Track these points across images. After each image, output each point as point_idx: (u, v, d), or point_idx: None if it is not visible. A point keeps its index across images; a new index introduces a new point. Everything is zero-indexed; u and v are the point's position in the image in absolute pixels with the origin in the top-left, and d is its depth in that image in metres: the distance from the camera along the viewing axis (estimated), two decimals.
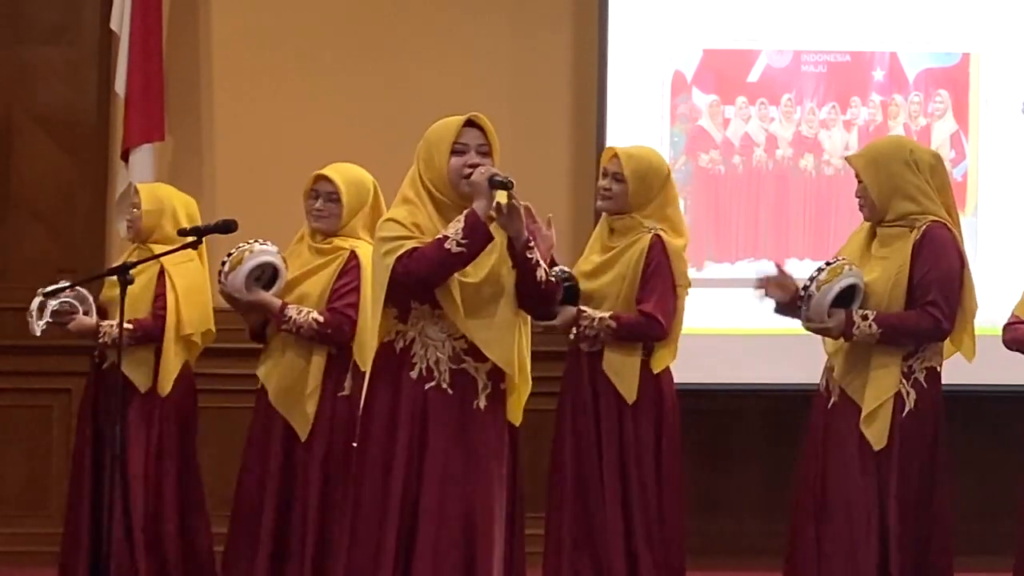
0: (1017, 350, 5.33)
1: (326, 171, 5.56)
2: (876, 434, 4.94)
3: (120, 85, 7.24)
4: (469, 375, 4.48)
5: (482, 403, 4.48)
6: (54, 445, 7.31)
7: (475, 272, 4.46)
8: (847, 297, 4.94)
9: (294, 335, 5.44)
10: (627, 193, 5.49)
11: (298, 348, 5.46)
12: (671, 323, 5.45)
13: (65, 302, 5.91)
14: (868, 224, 5.14)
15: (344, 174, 5.57)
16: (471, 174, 4.43)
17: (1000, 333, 5.38)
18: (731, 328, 6.78)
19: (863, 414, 4.95)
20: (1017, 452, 6.92)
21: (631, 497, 5.39)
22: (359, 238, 5.55)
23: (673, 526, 5.45)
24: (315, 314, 5.41)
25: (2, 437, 7.33)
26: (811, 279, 4.92)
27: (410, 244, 4.41)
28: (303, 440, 5.42)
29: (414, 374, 4.47)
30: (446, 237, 4.36)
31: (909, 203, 5.03)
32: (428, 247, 4.38)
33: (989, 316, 5.60)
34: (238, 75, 7.50)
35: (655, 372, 5.47)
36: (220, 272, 5.34)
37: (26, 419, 7.33)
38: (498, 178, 4.38)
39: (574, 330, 5.44)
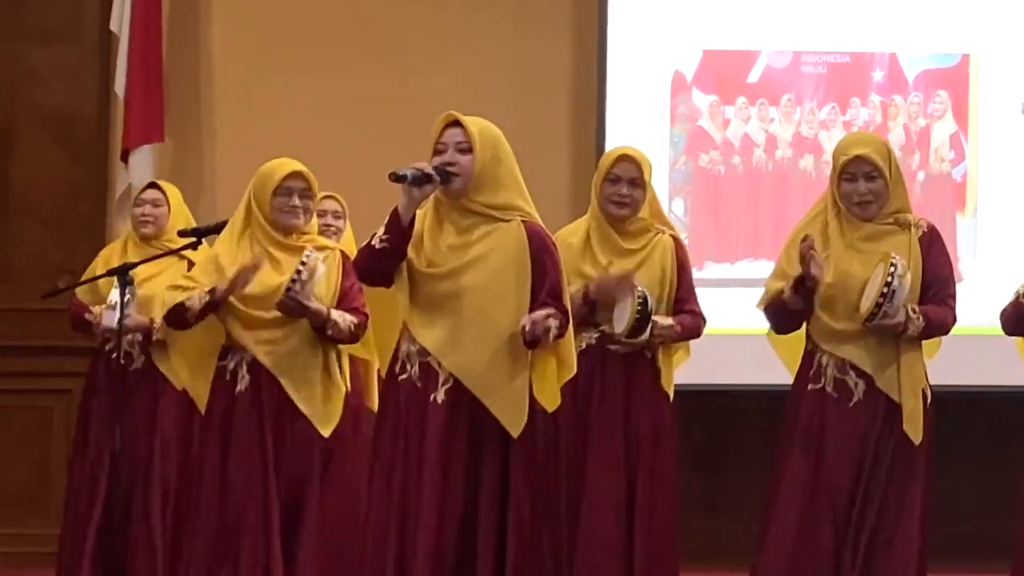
0: (1015, 327, 5.30)
1: (297, 167, 5.34)
2: (916, 430, 4.94)
3: (120, 86, 7.25)
4: (432, 368, 4.50)
5: (440, 396, 4.49)
6: (55, 445, 7.31)
7: (441, 264, 4.51)
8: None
9: (324, 337, 5.28)
10: (644, 198, 5.46)
11: (314, 348, 5.32)
12: None
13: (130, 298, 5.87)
14: (821, 219, 5.10)
15: (307, 170, 5.40)
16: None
17: (1001, 334, 5.37)
18: (731, 328, 6.77)
19: (907, 410, 4.94)
20: (1016, 452, 6.93)
21: (639, 497, 5.40)
22: (308, 233, 5.40)
23: (673, 522, 5.48)
24: (351, 317, 5.27)
25: (3, 437, 7.33)
26: (892, 275, 4.84)
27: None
28: (326, 435, 5.30)
29: (397, 367, 4.56)
30: (374, 234, 4.49)
31: (905, 199, 5.09)
32: (365, 245, 4.54)
33: (989, 316, 5.60)
34: (237, 76, 7.51)
35: (674, 369, 5.56)
36: (295, 280, 5.20)
37: (27, 419, 7.34)
38: (394, 172, 4.43)
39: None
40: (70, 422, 7.14)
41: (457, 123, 4.55)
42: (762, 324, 5.33)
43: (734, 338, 6.86)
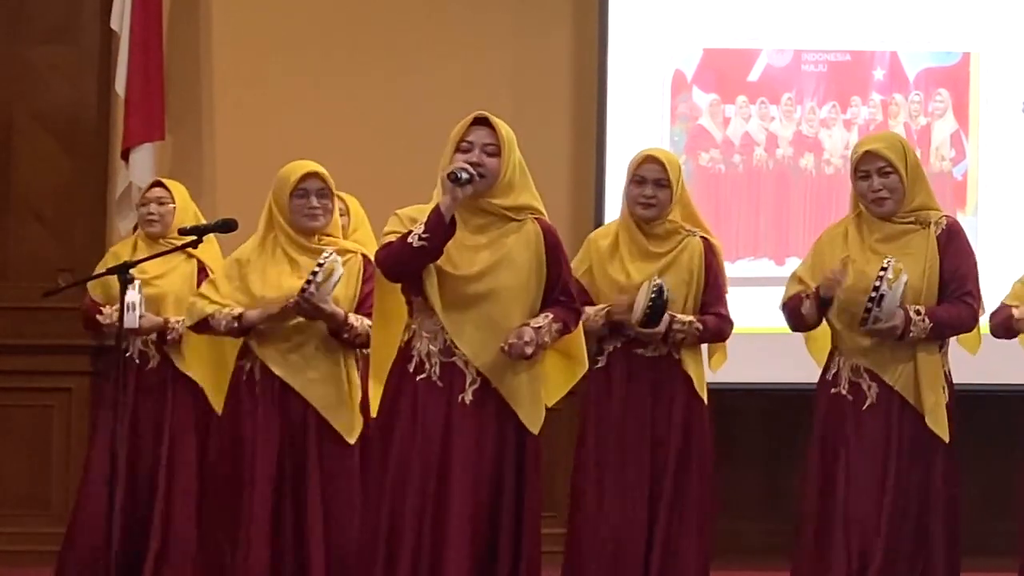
0: (1003, 335, 5.34)
1: (312, 168, 5.35)
2: (943, 427, 4.96)
3: (120, 85, 7.25)
4: (458, 368, 4.52)
5: (468, 397, 4.50)
6: (55, 444, 7.30)
7: (465, 266, 4.50)
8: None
9: (340, 340, 5.27)
10: (671, 199, 5.44)
11: (330, 353, 5.27)
12: None
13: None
14: (845, 224, 5.12)
15: (323, 170, 5.40)
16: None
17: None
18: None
19: (928, 406, 4.94)
20: (1017, 451, 6.91)
21: (679, 498, 5.38)
22: (334, 236, 5.40)
23: (711, 527, 5.46)
24: (367, 321, 5.16)
25: (3, 437, 7.32)
26: (880, 278, 4.85)
27: (390, 238, 4.53)
28: (351, 443, 5.25)
29: (411, 367, 4.56)
30: (410, 232, 4.45)
31: (927, 195, 5.10)
32: (396, 241, 4.49)
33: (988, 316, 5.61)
34: (238, 74, 7.51)
35: (715, 371, 5.57)
36: (310, 282, 5.06)
37: (27, 419, 7.32)
38: (454, 172, 4.43)
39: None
40: (70, 421, 7.16)
41: (485, 123, 4.56)
42: (763, 323, 5.34)
43: (734, 338, 6.85)
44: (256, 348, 5.24)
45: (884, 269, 4.84)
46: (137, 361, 6.02)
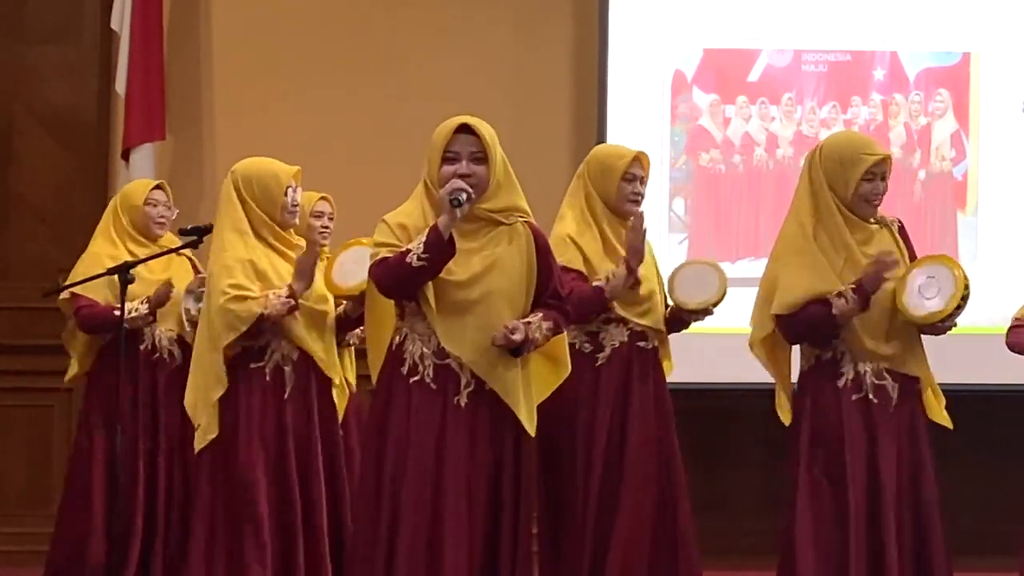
0: (1021, 352, 5.33)
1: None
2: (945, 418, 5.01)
3: (120, 85, 7.26)
4: (452, 371, 4.50)
5: (463, 400, 4.49)
6: (55, 445, 7.31)
7: (460, 271, 4.48)
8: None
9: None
10: None
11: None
12: None
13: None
14: (809, 231, 5.05)
15: None
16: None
17: (1003, 334, 5.37)
18: (731, 328, 6.75)
19: (940, 402, 4.98)
20: (1016, 451, 6.93)
21: (681, 490, 5.43)
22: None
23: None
24: None
25: (3, 437, 7.34)
26: (967, 284, 4.90)
27: (384, 252, 4.46)
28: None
29: (404, 369, 4.52)
30: (409, 251, 4.39)
31: None
32: (394, 259, 4.42)
33: (989, 316, 5.61)
34: (238, 75, 7.51)
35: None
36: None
37: (27, 419, 7.34)
38: (456, 197, 4.37)
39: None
40: (70, 421, 7.16)
41: (468, 130, 4.52)
42: None
43: (734, 338, 6.85)
44: (305, 342, 5.18)
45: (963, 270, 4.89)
46: (167, 359, 6.01)
